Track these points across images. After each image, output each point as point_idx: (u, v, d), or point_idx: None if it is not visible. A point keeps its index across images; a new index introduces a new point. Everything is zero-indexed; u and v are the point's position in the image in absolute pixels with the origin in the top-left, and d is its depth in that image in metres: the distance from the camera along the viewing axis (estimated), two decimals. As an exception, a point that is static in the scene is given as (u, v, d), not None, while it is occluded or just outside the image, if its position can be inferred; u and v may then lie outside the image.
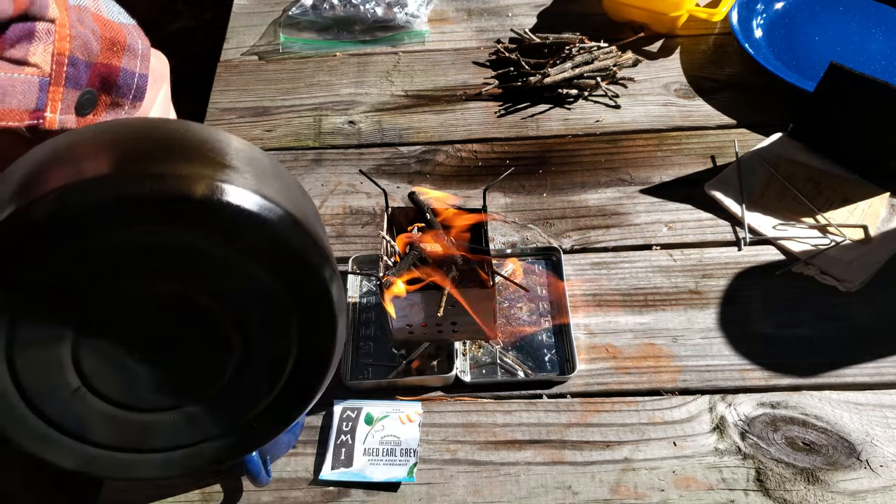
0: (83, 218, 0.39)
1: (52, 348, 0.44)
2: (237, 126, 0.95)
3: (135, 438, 0.49)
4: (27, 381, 0.44)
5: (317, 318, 0.46)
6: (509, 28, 1.05)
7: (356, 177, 0.88)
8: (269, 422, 0.50)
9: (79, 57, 0.47)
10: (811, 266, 0.76)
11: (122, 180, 0.40)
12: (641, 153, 0.89)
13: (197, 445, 0.50)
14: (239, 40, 1.08)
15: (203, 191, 0.40)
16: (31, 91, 0.45)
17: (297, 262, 0.44)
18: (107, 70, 0.49)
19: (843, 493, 0.61)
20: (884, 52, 0.97)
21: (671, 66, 0.99)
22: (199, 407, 0.48)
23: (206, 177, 0.40)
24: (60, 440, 0.47)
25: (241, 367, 0.47)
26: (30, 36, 0.44)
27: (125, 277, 0.43)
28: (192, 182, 0.40)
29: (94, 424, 0.47)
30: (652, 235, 0.81)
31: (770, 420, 0.66)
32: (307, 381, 0.49)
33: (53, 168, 0.41)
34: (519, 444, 0.66)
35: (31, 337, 0.43)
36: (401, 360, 0.71)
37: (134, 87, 0.51)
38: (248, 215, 0.41)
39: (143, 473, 0.51)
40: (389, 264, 0.66)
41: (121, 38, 0.50)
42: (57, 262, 0.41)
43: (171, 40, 1.95)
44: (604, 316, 0.74)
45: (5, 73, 0.43)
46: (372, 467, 0.64)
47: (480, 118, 0.95)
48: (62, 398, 0.46)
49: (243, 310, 0.45)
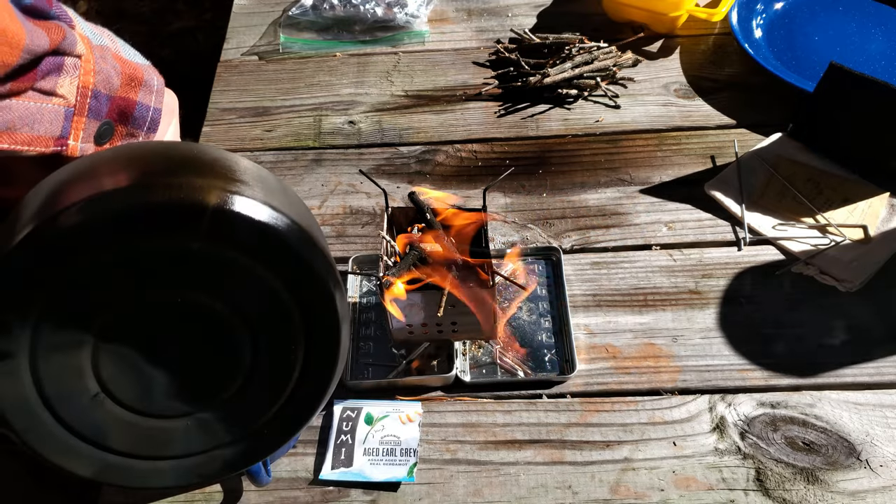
0: (105, 227, 0.42)
1: (73, 354, 0.45)
2: (237, 126, 0.96)
3: (150, 445, 0.50)
4: (49, 388, 0.46)
5: (322, 324, 0.48)
6: (509, 28, 1.05)
7: (356, 177, 0.88)
8: (278, 428, 0.52)
9: (101, 90, 0.51)
10: (811, 266, 0.76)
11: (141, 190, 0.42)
12: (641, 153, 0.89)
13: (209, 452, 0.51)
14: (239, 40, 1.08)
15: (216, 200, 0.42)
16: (58, 120, 0.49)
17: (304, 269, 0.46)
18: (124, 103, 0.53)
19: (842, 493, 0.61)
20: (884, 52, 0.97)
21: (671, 66, 0.99)
22: (211, 413, 0.50)
23: (218, 188, 0.43)
24: (79, 447, 0.48)
25: (251, 374, 0.49)
26: (59, 69, 0.48)
27: (142, 284, 0.45)
28: (206, 192, 0.42)
29: (111, 431, 0.49)
30: (652, 235, 0.81)
31: (770, 420, 0.66)
32: (313, 388, 0.50)
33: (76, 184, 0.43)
34: (519, 444, 0.66)
35: (53, 342, 0.44)
36: (401, 360, 0.71)
37: (149, 119, 0.55)
38: (259, 223, 0.43)
39: (158, 482, 0.53)
40: (389, 264, 0.66)
41: (138, 75, 0.54)
42: (79, 270, 0.43)
43: (171, 40, 1.95)
44: (604, 316, 0.74)
45: (35, 103, 0.47)
46: (372, 467, 0.64)
47: (480, 118, 0.95)
48: (82, 404, 0.47)
49: (253, 316, 0.47)
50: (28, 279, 0.42)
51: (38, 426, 0.47)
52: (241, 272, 0.45)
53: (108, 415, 0.48)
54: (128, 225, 0.42)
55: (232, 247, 0.44)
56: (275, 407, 0.51)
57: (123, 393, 0.48)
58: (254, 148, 0.93)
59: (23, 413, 0.46)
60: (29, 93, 0.47)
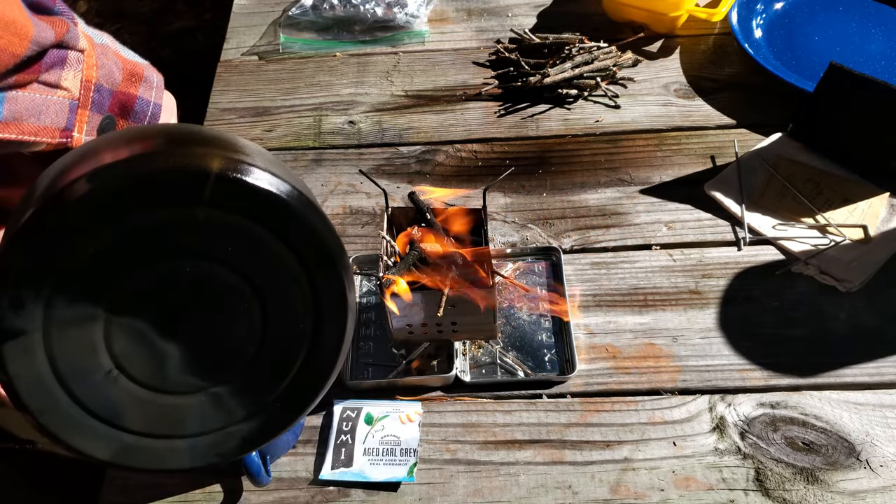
0: (111, 197, 0.42)
1: (85, 329, 0.46)
2: (237, 126, 0.96)
3: (166, 423, 0.51)
4: (63, 365, 0.46)
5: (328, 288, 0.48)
6: (509, 28, 1.05)
7: (356, 177, 0.88)
8: (292, 401, 0.52)
9: (103, 84, 0.52)
10: (811, 266, 0.76)
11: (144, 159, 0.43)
12: (641, 153, 0.89)
13: (225, 430, 0.52)
14: (239, 40, 1.08)
15: (219, 165, 0.43)
16: (63, 112, 0.50)
17: (308, 234, 0.46)
18: (125, 98, 0.54)
19: (842, 492, 0.61)
20: (884, 52, 0.97)
21: (671, 66, 0.99)
22: (224, 387, 0.50)
23: (221, 156, 0.44)
24: (96, 427, 0.49)
25: (262, 343, 0.49)
26: (62, 62, 0.49)
27: (152, 255, 0.45)
28: (209, 158, 0.43)
29: (126, 409, 0.49)
30: (652, 235, 0.81)
31: (770, 420, 0.66)
32: (324, 357, 0.50)
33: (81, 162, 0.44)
34: (519, 444, 0.66)
35: (65, 317, 0.45)
36: (401, 360, 0.71)
37: (149, 113, 0.56)
38: (261, 188, 0.44)
39: (175, 464, 0.53)
40: (389, 264, 0.66)
41: (139, 71, 0.55)
42: (88, 242, 0.43)
43: (171, 40, 1.95)
44: (604, 316, 0.74)
45: (41, 95, 0.48)
46: (372, 467, 0.64)
47: (480, 118, 0.95)
48: (96, 381, 0.47)
49: (262, 284, 0.47)
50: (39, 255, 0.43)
51: (53, 406, 0.47)
52: (246, 238, 0.45)
53: (123, 391, 0.48)
54: (132, 194, 0.43)
55: (236, 212, 0.44)
56: (287, 378, 0.51)
57: (137, 369, 0.48)
58: (254, 148, 0.93)
59: (38, 392, 0.46)
60: (34, 85, 0.47)
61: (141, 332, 0.47)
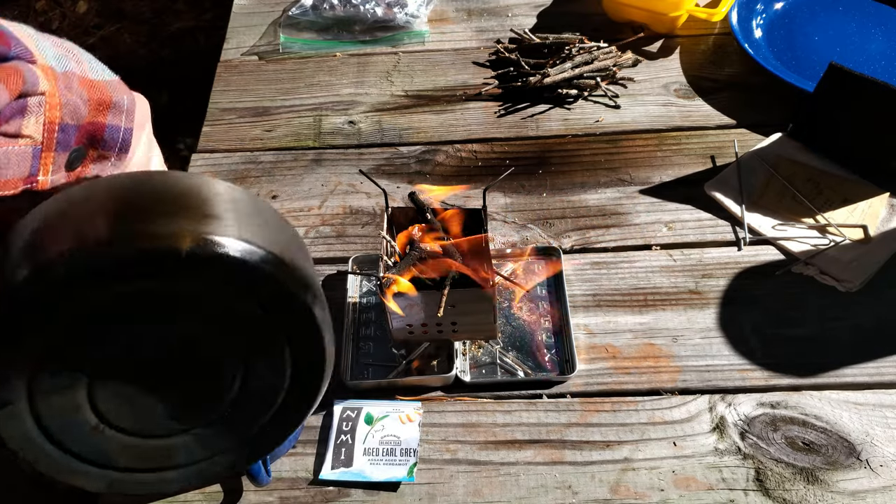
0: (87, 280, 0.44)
1: (69, 394, 0.48)
2: (237, 126, 0.96)
3: (154, 460, 0.54)
4: (51, 425, 0.49)
5: (304, 336, 0.50)
6: (509, 28, 1.05)
7: (356, 177, 0.88)
8: (275, 430, 0.55)
9: (68, 122, 0.50)
10: (811, 266, 0.76)
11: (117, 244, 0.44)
12: (641, 153, 0.89)
13: (211, 459, 0.55)
14: (239, 40, 1.08)
15: (188, 244, 0.44)
16: (25, 160, 0.48)
17: (280, 293, 0.48)
18: (93, 128, 0.52)
19: (842, 492, 0.61)
20: (884, 52, 0.97)
21: (671, 66, 0.99)
22: (208, 428, 0.53)
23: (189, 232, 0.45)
24: (88, 470, 0.52)
25: (242, 390, 0.52)
26: (23, 111, 0.47)
27: (129, 325, 0.48)
28: (178, 238, 0.44)
29: (115, 453, 0.52)
30: (652, 235, 0.81)
31: (770, 420, 0.66)
32: (305, 391, 0.53)
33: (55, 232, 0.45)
34: (519, 444, 0.66)
35: (49, 387, 0.47)
36: (401, 360, 0.71)
37: (119, 140, 0.54)
38: (231, 258, 0.45)
39: (165, 488, 0.58)
40: (389, 264, 0.66)
41: (106, 98, 0.53)
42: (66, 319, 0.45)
43: (171, 40, 1.95)
44: (604, 316, 0.74)
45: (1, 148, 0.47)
46: (372, 467, 0.64)
47: (480, 118, 0.95)
48: (83, 435, 0.50)
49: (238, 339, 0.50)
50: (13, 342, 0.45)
51: (45, 456, 0.50)
52: (220, 300, 0.47)
53: (110, 441, 0.51)
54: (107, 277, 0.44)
55: (209, 283, 0.46)
56: (268, 415, 0.54)
57: (122, 421, 0.51)
58: (254, 148, 0.93)
59: (30, 447, 0.49)
60: None
61: (124, 391, 0.50)
